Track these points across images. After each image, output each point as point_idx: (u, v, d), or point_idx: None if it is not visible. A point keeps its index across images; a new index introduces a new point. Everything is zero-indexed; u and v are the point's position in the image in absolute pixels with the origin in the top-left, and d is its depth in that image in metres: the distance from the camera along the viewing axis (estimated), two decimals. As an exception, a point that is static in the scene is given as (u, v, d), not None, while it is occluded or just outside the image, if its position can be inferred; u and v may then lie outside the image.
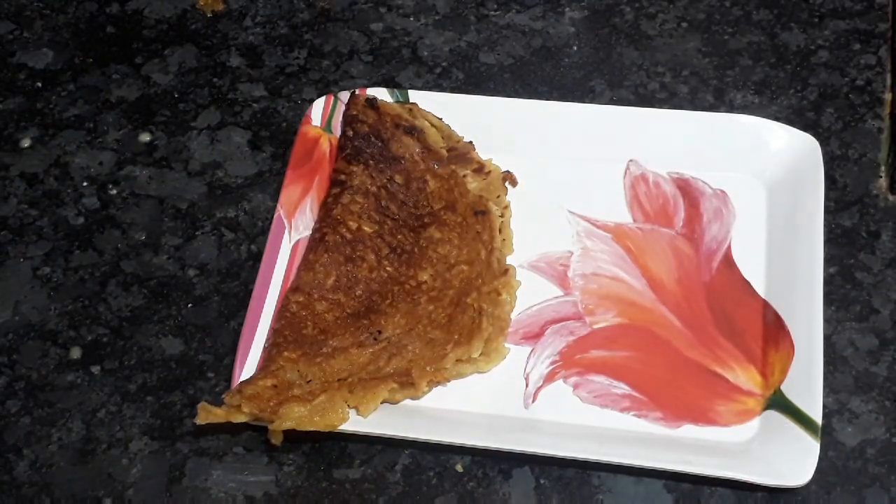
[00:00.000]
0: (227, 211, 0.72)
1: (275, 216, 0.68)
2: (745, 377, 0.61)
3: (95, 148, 0.76)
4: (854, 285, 0.65)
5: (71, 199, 0.73)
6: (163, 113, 0.77)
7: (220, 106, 0.77)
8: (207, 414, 0.59)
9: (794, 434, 0.58)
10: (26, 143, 0.76)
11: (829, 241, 0.67)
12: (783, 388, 0.60)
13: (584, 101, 0.75)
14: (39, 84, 0.79)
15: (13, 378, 0.66)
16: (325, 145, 0.71)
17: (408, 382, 0.61)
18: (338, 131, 0.71)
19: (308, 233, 0.68)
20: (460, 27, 0.80)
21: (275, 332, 0.63)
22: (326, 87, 0.77)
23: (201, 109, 0.77)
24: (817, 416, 0.58)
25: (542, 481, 0.60)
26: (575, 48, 0.78)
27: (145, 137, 0.76)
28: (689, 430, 0.60)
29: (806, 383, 0.59)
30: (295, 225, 0.68)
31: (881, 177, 0.70)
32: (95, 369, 0.66)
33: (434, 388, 0.62)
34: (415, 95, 0.72)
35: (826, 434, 0.60)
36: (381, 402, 0.60)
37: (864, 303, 0.65)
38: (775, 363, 0.61)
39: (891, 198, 0.69)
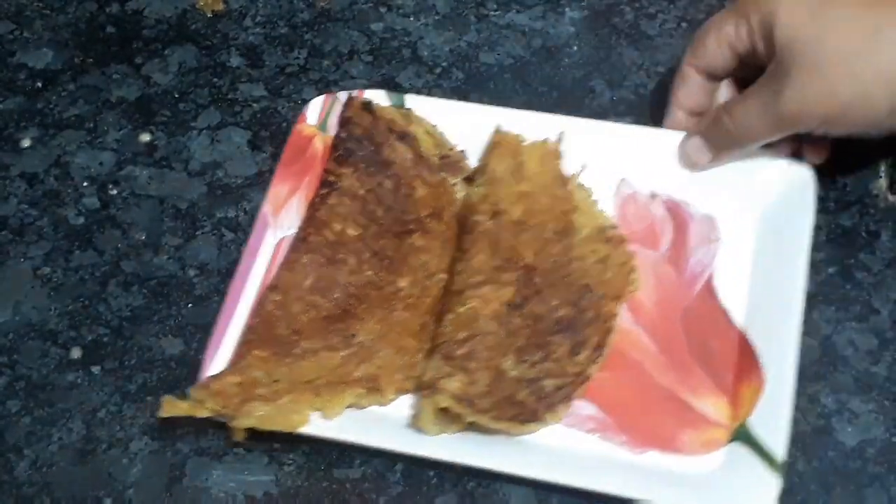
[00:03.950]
0: (227, 211, 0.72)
1: (260, 213, 0.68)
2: (715, 407, 0.61)
3: (95, 148, 0.76)
4: (854, 285, 0.66)
5: (71, 199, 0.73)
6: (163, 113, 0.77)
7: (221, 106, 0.77)
8: (171, 407, 0.59)
9: (757, 469, 0.57)
10: (26, 143, 0.76)
11: (828, 241, 0.67)
12: (750, 421, 0.59)
13: (583, 102, 0.75)
14: (39, 84, 0.79)
15: (13, 378, 0.66)
16: (319, 145, 0.71)
17: (375, 389, 0.60)
18: (333, 131, 0.71)
19: (293, 231, 0.68)
20: (460, 27, 0.80)
21: (248, 329, 0.63)
22: (326, 87, 0.77)
23: (201, 109, 0.77)
24: (780, 453, 0.56)
25: (542, 481, 0.60)
26: (575, 48, 0.78)
27: (145, 137, 0.76)
28: (653, 457, 0.59)
29: (773, 419, 0.58)
30: (280, 223, 0.68)
31: (881, 177, 0.69)
32: (96, 369, 0.66)
33: (402, 396, 0.61)
34: (413, 100, 0.72)
35: (826, 434, 0.61)
36: (347, 407, 0.60)
37: (863, 303, 0.65)
38: (745, 395, 0.60)
39: (890, 198, 0.69)
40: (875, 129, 0.61)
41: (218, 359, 0.62)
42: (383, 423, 0.60)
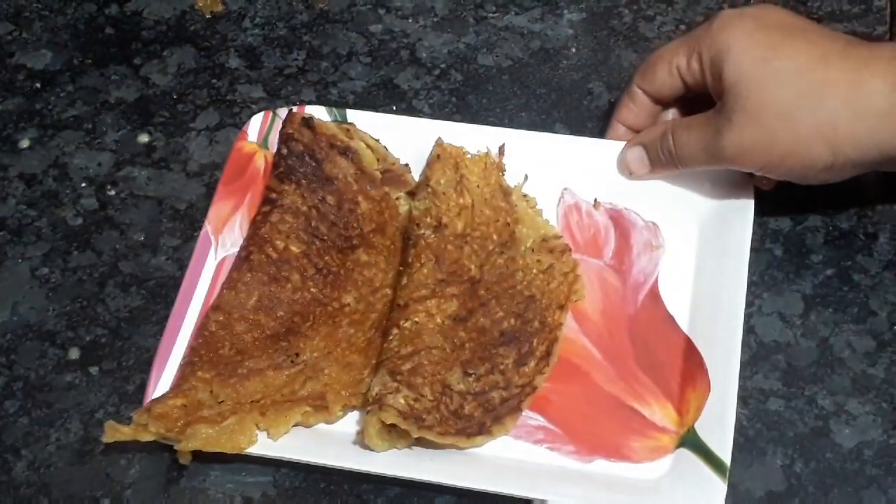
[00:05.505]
0: (225, 212, 0.72)
1: (201, 232, 0.67)
2: (662, 413, 0.61)
3: (94, 149, 0.76)
4: (851, 287, 0.66)
5: (69, 200, 0.73)
6: (161, 114, 0.77)
7: (219, 107, 0.77)
8: (114, 432, 0.58)
9: (703, 474, 0.57)
10: (25, 143, 0.76)
11: (826, 243, 0.67)
12: (697, 426, 0.59)
13: (581, 104, 0.75)
14: (38, 85, 0.79)
15: (11, 378, 0.66)
16: (261, 161, 0.70)
17: (322, 406, 0.60)
18: (274, 147, 0.70)
19: (235, 250, 0.67)
20: (459, 29, 0.80)
21: (191, 350, 0.63)
22: (325, 89, 0.78)
23: (200, 110, 0.77)
24: (726, 457, 0.57)
25: (539, 482, 0.60)
26: (573, 50, 0.78)
27: (144, 138, 0.76)
28: (601, 466, 0.59)
29: (718, 423, 0.58)
30: (222, 242, 0.67)
31: (879, 178, 0.70)
32: (94, 370, 0.66)
33: (350, 413, 0.61)
34: (354, 115, 0.71)
35: (823, 436, 0.61)
36: (294, 426, 0.60)
37: (861, 305, 0.65)
38: (692, 401, 0.60)
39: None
40: (811, 181, 0.62)
41: (162, 381, 0.62)
42: (331, 441, 0.60)
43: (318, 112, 0.71)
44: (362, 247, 0.67)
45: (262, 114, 0.72)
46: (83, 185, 0.74)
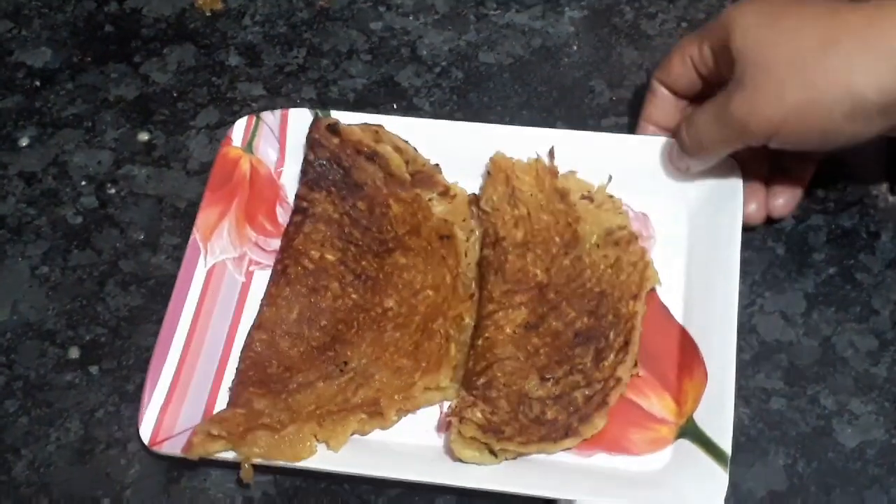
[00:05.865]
0: (225, 210, 0.72)
1: (190, 239, 0.66)
2: (660, 405, 0.61)
3: (94, 147, 0.76)
4: (854, 286, 0.65)
5: (69, 199, 0.73)
6: (161, 112, 0.77)
7: (219, 105, 0.77)
8: (191, 448, 0.58)
9: (704, 464, 0.57)
10: (24, 142, 0.76)
11: (829, 241, 0.67)
12: (695, 416, 0.59)
13: (583, 101, 0.75)
14: (38, 83, 0.79)
15: (11, 378, 0.65)
16: (246, 166, 0.70)
17: (376, 412, 0.60)
18: (259, 152, 0.70)
19: (225, 257, 0.67)
20: (460, 26, 0.80)
21: (239, 373, 0.62)
22: (325, 87, 0.77)
23: (200, 108, 0.77)
24: (727, 446, 0.56)
25: (541, 482, 0.60)
26: (575, 48, 0.78)
27: (144, 136, 0.76)
28: (602, 459, 0.59)
29: (717, 413, 0.58)
30: (211, 249, 0.67)
31: (882, 174, 0.69)
32: (94, 369, 0.66)
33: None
34: (339, 117, 0.70)
35: (826, 435, 0.60)
36: (352, 434, 0.60)
37: (863, 304, 0.65)
38: (689, 391, 0.60)
39: (891, 198, 0.69)
40: (833, 139, 0.58)
41: (158, 389, 0.61)
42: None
43: (304, 115, 0.70)
44: (398, 249, 0.67)
45: (245, 118, 0.71)
46: (83, 183, 0.74)
